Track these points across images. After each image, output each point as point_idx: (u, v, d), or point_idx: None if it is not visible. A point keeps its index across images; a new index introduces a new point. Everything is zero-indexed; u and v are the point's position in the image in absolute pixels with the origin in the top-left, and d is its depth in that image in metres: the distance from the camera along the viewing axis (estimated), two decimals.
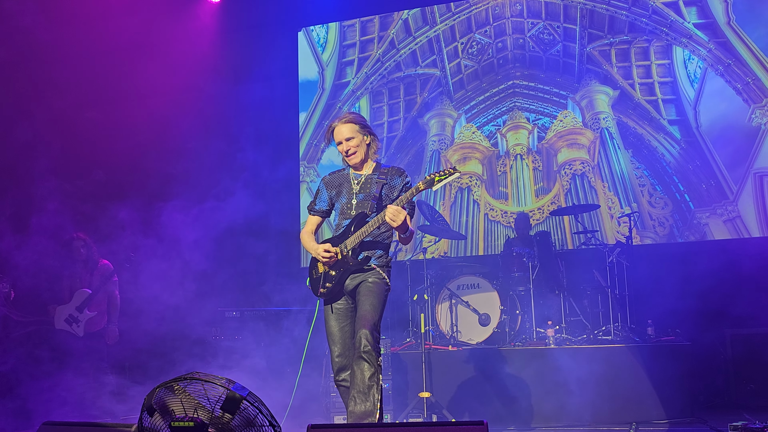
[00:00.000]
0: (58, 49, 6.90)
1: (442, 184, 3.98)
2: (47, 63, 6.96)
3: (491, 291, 6.77)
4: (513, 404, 6.10)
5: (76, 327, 6.26)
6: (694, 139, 7.67)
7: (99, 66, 7.27)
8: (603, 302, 6.81)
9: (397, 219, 3.93)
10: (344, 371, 4.15)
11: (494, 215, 8.30)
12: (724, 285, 6.73)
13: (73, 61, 7.07)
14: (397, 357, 6.50)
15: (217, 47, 8.87)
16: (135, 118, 7.48)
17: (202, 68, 8.54)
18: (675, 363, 5.93)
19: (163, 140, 7.56)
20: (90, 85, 7.16)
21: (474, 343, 6.68)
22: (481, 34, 8.62)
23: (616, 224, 7.77)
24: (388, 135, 8.88)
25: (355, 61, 9.14)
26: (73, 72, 7.09)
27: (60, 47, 6.91)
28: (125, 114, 7.35)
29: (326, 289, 4.19)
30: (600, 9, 8.13)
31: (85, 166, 7.05)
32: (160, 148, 7.23)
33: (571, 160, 8.12)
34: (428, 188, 4.00)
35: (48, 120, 6.97)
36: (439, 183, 3.98)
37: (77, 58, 7.07)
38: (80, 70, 7.13)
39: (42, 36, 6.80)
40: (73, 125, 6.96)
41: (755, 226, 7.31)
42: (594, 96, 8.12)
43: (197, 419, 2.84)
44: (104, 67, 7.31)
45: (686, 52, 7.76)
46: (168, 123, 7.73)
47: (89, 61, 7.19)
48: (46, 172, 6.51)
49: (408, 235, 4.16)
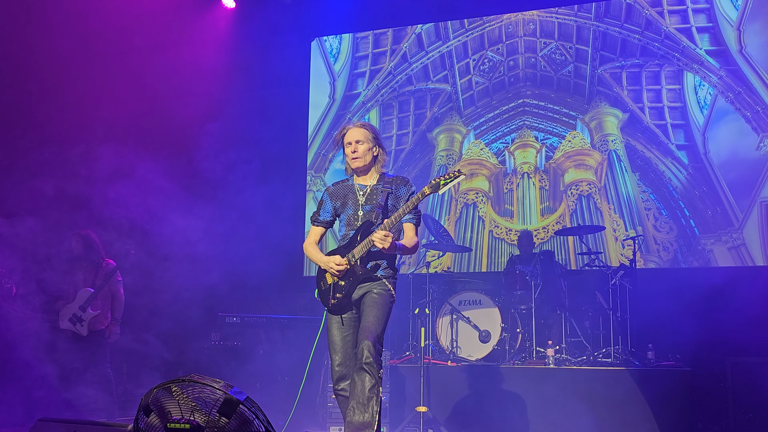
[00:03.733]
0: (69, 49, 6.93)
1: (447, 187, 3.99)
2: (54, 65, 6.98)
3: (493, 308, 6.76)
4: (510, 423, 6.08)
5: (79, 326, 6.26)
6: (701, 165, 7.67)
7: (108, 69, 7.29)
8: (604, 324, 6.79)
9: (385, 244, 3.95)
10: (344, 381, 4.15)
11: (499, 232, 8.30)
12: (726, 312, 6.71)
13: (82, 62, 7.09)
14: (396, 370, 6.49)
15: (230, 53, 8.92)
16: (144, 121, 7.51)
17: (214, 73, 8.58)
18: (674, 388, 5.90)
19: (171, 142, 7.58)
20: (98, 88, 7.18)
21: (473, 359, 6.66)
22: (494, 52, 8.65)
23: (621, 247, 7.77)
24: (397, 148, 8.90)
25: (366, 73, 9.18)
26: (81, 73, 7.11)
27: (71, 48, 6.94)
28: (135, 116, 7.37)
29: (336, 300, 4.18)
30: (613, 32, 8.16)
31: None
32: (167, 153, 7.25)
33: (578, 180, 8.12)
34: (434, 192, 4.01)
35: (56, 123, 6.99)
36: (445, 186, 3.98)
37: (87, 59, 7.09)
38: (89, 73, 7.15)
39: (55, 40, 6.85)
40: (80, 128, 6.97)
41: (760, 254, 7.30)
42: (603, 118, 8.13)
43: (193, 422, 2.84)
44: (114, 70, 7.34)
45: (697, 78, 7.78)
46: (177, 127, 7.76)
47: (99, 64, 7.21)
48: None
49: (412, 248, 4.18)
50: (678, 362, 6.44)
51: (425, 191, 4.01)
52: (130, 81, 7.43)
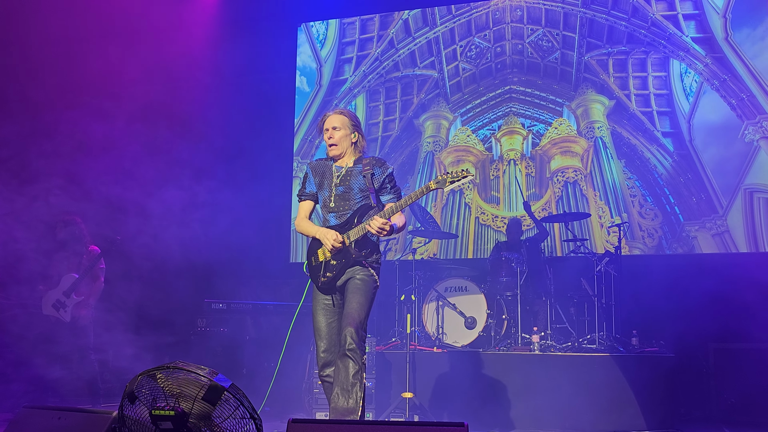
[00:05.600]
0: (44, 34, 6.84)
1: (454, 186, 4.00)
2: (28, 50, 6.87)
3: (478, 294, 6.78)
4: (495, 408, 6.12)
5: (63, 312, 6.22)
6: (687, 152, 7.71)
7: (90, 56, 7.19)
8: (589, 311, 6.83)
9: (383, 234, 4.02)
10: (329, 367, 4.16)
11: (485, 219, 8.31)
12: (709, 299, 6.77)
13: (62, 48, 6.99)
14: (382, 356, 6.51)
15: (217, 38, 8.85)
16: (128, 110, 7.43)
17: (200, 59, 8.51)
18: (657, 374, 5.95)
19: (157, 131, 7.53)
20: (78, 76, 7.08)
21: (459, 345, 6.69)
22: (481, 38, 8.64)
23: (606, 234, 7.80)
24: (383, 134, 8.88)
25: (353, 59, 9.15)
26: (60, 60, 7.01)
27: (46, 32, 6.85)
28: (117, 106, 7.29)
29: (327, 278, 4.19)
30: (600, 18, 8.16)
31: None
32: (153, 138, 7.19)
33: (564, 167, 8.14)
34: (439, 188, 4.01)
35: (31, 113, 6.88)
36: (451, 185, 3.99)
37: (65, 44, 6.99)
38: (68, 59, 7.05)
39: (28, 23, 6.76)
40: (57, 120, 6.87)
41: (743, 241, 7.35)
42: (589, 105, 8.15)
43: (178, 408, 2.84)
44: (95, 57, 7.23)
45: (683, 65, 7.80)
46: (163, 114, 7.70)
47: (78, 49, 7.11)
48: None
49: (403, 226, 4.22)
50: (662, 348, 6.49)
51: (431, 186, 4.00)
52: (114, 67, 7.35)
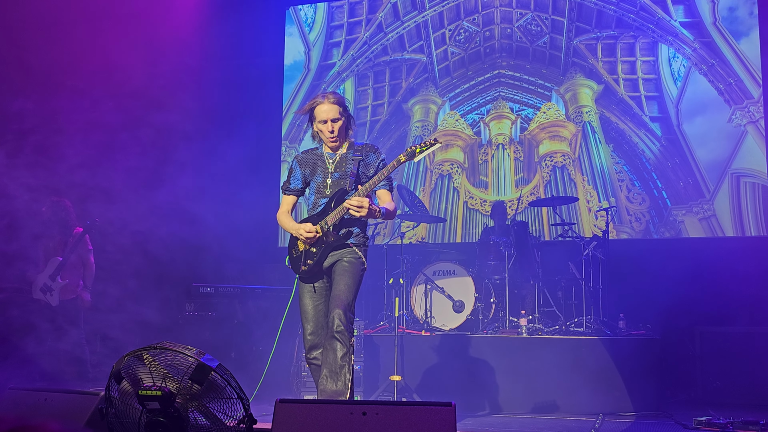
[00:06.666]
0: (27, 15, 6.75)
1: (423, 155, 4.02)
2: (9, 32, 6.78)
3: (466, 278, 6.80)
4: (483, 391, 6.15)
5: (50, 296, 6.19)
6: (674, 137, 7.73)
7: (75, 38, 7.10)
8: (577, 294, 6.86)
9: (362, 212, 3.96)
10: (316, 349, 4.17)
11: (473, 203, 8.33)
12: (696, 282, 6.82)
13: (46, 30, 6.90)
14: (370, 339, 6.53)
15: (203, 22, 8.77)
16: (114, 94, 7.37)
17: (188, 42, 8.45)
18: (644, 357, 6.00)
19: (144, 114, 7.47)
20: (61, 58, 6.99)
21: (447, 329, 6.71)
22: (469, 22, 8.61)
23: (594, 218, 7.83)
24: (372, 119, 8.87)
25: (341, 43, 9.11)
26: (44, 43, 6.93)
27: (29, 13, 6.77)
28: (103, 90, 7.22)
29: (307, 267, 4.19)
30: (588, 3, 8.15)
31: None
32: (140, 123, 7.14)
33: (552, 152, 8.15)
34: (410, 160, 4.04)
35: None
36: (421, 154, 4.01)
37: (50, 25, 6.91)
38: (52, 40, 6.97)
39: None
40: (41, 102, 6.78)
41: (729, 225, 7.40)
42: (578, 89, 8.15)
43: (165, 388, 2.84)
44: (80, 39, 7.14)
45: (671, 50, 7.81)
46: (150, 98, 7.64)
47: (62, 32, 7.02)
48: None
49: (393, 212, 4.20)
50: (648, 331, 6.54)
51: (401, 158, 4.03)
52: (99, 49, 7.28)
